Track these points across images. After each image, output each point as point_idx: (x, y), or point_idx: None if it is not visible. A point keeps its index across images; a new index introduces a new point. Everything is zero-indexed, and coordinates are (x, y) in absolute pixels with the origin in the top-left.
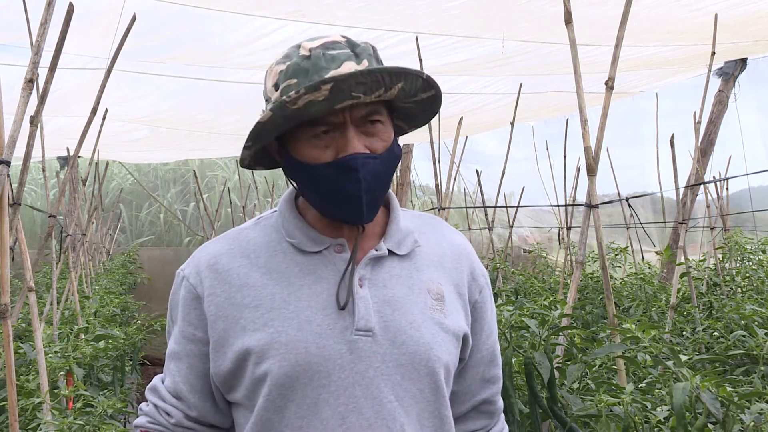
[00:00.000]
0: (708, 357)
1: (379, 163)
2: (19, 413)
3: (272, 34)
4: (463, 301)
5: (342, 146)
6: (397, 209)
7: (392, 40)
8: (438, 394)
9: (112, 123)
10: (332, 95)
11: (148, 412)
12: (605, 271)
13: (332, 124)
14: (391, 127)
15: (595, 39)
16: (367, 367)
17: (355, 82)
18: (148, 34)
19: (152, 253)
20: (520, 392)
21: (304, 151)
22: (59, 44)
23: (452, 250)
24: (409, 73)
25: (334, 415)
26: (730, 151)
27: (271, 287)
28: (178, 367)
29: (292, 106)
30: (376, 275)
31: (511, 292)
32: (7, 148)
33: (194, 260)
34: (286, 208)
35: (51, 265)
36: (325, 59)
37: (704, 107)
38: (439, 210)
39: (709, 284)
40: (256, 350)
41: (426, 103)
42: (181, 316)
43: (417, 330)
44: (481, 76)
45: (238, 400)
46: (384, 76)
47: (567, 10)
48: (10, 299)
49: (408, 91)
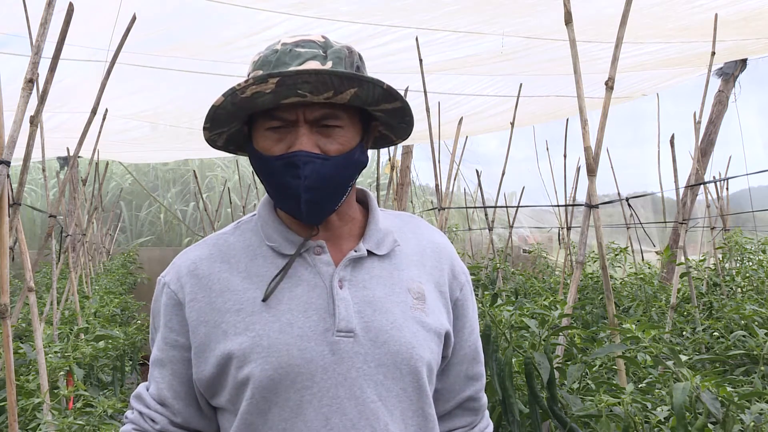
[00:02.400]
0: (708, 357)
1: (329, 165)
2: (19, 413)
3: (274, 27)
4: (445, 299)
5: (292, 142)
6: (376, 209)
7: (393, 35)
8: (421, 393)
9: (112, 120)
10: (278, 89)
11: (133, 420)
12: (605, 271)
13: (286, 121)
14: (355, 134)
15: (596, 36)
16: (349, 368)
17: (301, 80)
18: (149, 27)
19: (152, 253)
20: (520, 392)
21: (260, 141)
22: (59, 44)
23: (432, 248)
24: (364, 80)
25: (317, 417)
26: (730, 151)
27: (251, 291)
28: (161, 373)
29: (240, 95)
30: (355, 276)
31: (511, 292)
32: (7, 148)
33: (174, 267)
34: (265, 211)
35: (51, 265)
36: (290, 55)
37: (704, 107)
38: (440, 210)
39: (709, 284)
40: (238, 354)
41: (396, 115)
42: (163, 323)
43: (398, 330)
44: (482, 75)
45: (222, 405)
46: (333, 78)
47: (567, 10)
48: (9, 299)
49: (365, 98)
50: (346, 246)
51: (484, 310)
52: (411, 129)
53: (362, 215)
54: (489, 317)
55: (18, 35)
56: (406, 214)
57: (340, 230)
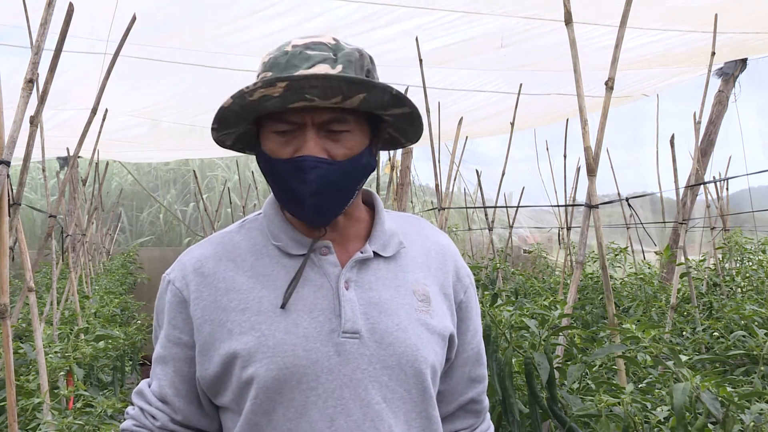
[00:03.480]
0: (708, 357)
1: (336, 170)
2: (19, 413)
3: (276, 18)
4: (449, 301)
5: (299, 146)
6: (382, 210)
7: (391, 15)
8: (425, 395)
9: (112, 118)
10: (286, 93)
11: (134, 416)
12: (605, 271)
13: (294, 124)
14: (363, 137)
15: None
16: (354, 369)
17: (309, 85)
18: (147, 17)
19: (152, 254)
20: (520, 392)
21: (268, 143)
22: (59, 44)
23: (437, 250)
24: (373, 85)
25: (322, 418)
26: (730, 152)
27: (257, 291)
28: (164, 371)
29: (249, 98)
30: (362, 278)
31: (511, 292)
32: (6, 148)
33: (180, 264)
34: (271, 210)
35: (51, 266)
36: (300, 58)
37: (704, 107)
38: (439, 210)
39: (709, 284)
40: (243, 354)
41: (405, 119)
42: (167, 320)
43: (403, 331)
44: (481, 69)
45: (226, 404)
46: (342, 83)
47: (567, 10)
48: (9, 299)
49: (374, 103)
50: (353, 247)
51: (485, 310)
52: (421, 132)
53: (368, 216)
54: (489, 317)
55: (17, 26)
56: (410, 215)
57: (346, 231)
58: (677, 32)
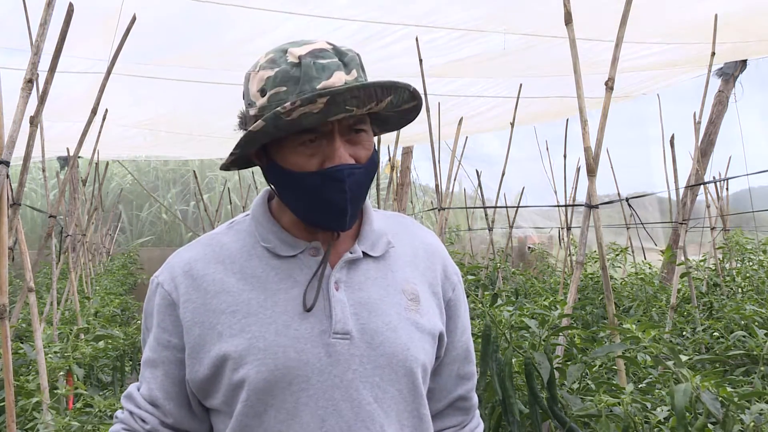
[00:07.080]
0: (708, 357)
1: (363, 173)
2: (19, 413)
3: (275, 30)
4: (438, 299)
5: (328, 155)
6: (370, 210)
7: (393, 36)
8: (416, 394)
9: (112, 129)
10: (327, 108)
11: (123, 419)
12: (605, 272)
13: (320, 132)
14: (372, 135)
15: (597, 36)
16: (345, 370)
17: (351, 96)
18: (149, 36)
19: (152, 254)
20: (520, 392)
21: (289, 158)
22: (59, 45)
23: (425, 249)
24: (399, 87)
25: (313, 419)
26: (731, 152)
27: (247, 293)
28: (153, 374)
29: (286, 117)
30: (351, 278)
31: (511, 293)
32: (6, 149)
33: (168, 267)
34: (259, 212)
35: (51, 266)
36: (315, 68)
37: (704, 107)
38: (439, 210)
39: (710, 284)
40: (234, 356)
41: (407, 112)
42: (156, 323)
43: (393, 331)
44: (482, 78)
45: (216, 406)
46: (377, 90)
47: (567, 10)
48: (9, 300)
49: (395, 103)
50: (342, 247)
51: (484, 310)
52: (411, 121)
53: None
54: (489, 317)
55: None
56: (397, 214)
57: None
58: (677, 44)
